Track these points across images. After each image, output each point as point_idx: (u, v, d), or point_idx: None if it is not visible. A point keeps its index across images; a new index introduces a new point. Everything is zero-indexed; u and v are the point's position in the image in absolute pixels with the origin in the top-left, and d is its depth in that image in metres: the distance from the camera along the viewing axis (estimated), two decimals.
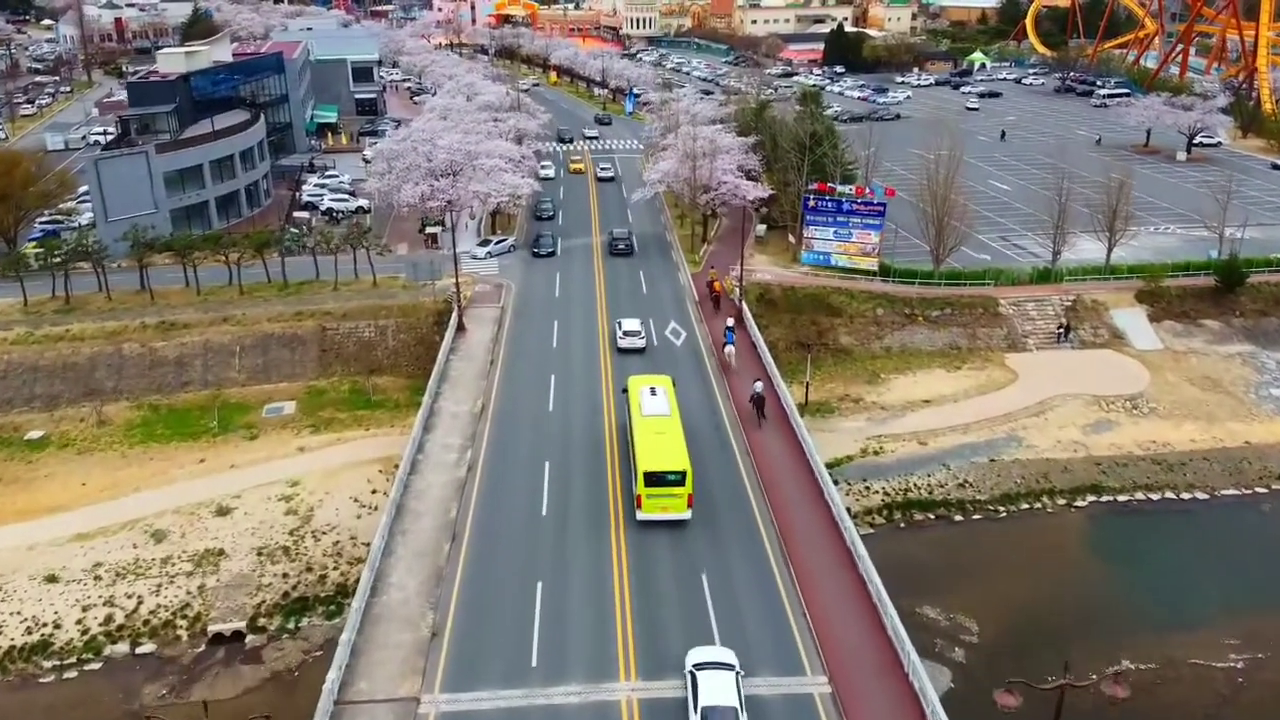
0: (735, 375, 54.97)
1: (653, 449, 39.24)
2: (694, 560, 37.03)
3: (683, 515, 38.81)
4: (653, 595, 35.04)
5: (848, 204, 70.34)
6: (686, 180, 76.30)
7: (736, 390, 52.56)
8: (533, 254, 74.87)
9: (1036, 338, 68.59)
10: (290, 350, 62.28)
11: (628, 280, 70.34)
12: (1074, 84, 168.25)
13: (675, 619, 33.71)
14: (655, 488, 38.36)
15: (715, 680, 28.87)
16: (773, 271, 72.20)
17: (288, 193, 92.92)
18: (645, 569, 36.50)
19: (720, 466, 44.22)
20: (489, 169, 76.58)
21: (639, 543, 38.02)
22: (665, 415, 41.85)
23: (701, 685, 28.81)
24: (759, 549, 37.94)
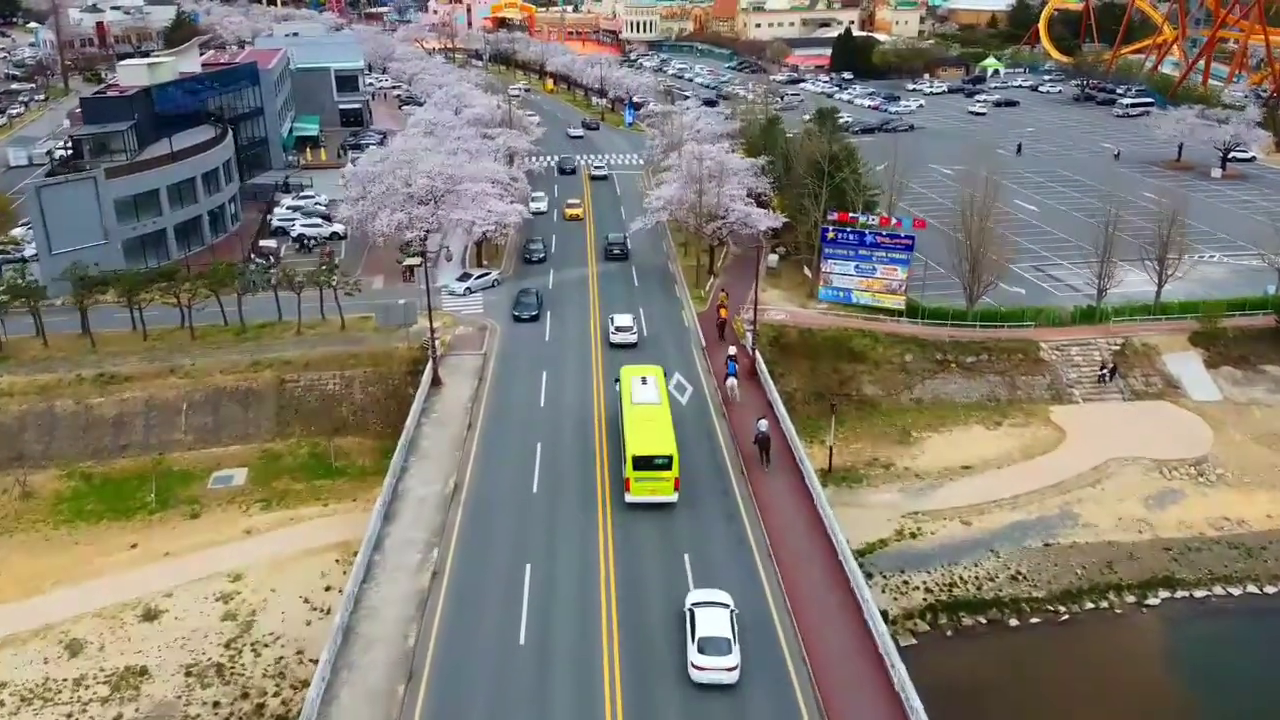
0: (737, 409, 50.37)
1: (642, 434, 40.85)
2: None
3: (670, 498, 40.33)
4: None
5: (871, 236, 63.14)
6: (691, 207, 69.06)
7: (739, 427, 48.03)
8: (513, 317, 62.58)
9: (1082, 387, 61.37)
10: (244, 407, 55.06)
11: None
12: (1093, 92, 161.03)
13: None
14: (643, 471, 39.95)
15: (711, 615, 31.74)
16: (787, 310, 64.98)
17: (259, 215, 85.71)
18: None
19: (735, 576, 37.00)
20: (474, 194, 69.39)
21: (636, 696, 30.77)
22: (655, 404, 43.55)
23: (699, 620, 31.59)
24: (785, 694, 30.70)
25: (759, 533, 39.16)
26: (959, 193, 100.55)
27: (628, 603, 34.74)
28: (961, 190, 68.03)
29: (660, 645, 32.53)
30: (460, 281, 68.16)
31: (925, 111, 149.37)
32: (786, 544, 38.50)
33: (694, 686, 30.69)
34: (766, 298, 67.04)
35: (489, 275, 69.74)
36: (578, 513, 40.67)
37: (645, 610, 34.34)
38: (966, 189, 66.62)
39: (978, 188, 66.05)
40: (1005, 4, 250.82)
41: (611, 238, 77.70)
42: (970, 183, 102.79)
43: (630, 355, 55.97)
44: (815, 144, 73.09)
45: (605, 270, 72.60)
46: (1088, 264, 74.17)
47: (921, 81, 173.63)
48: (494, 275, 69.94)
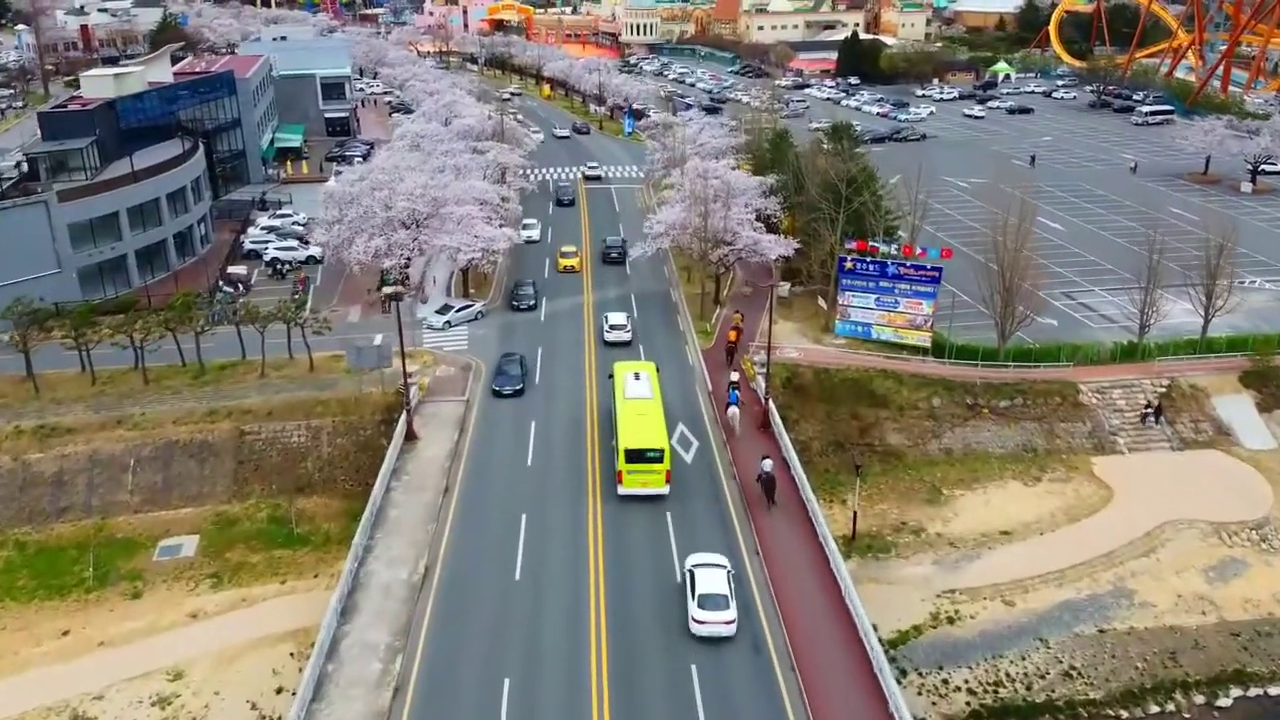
0: (739, 441, 47.63)
1: (634, 428, 42.04)
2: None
3: (661, 490, 41.39)
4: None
5: (894, 267, 57.50)
6: (695, 232, 63.39)
7: (742, 464, 45.28)
8: (493, 391, 52.50)
9: (1127, 435, 55.74)
10: (199, 462, 49.42)
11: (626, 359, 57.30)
12: (1109, 98, 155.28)
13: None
14: (635, 464, 41.01)
15: (710, 575, 34.30)
16: (801, 346, 59.31)
17: (232, 236, 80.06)
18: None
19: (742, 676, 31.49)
20: (460, 218, 63.76)
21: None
22: (648, 398, 44.65)
23: (699, 579, 34.14)
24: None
25: (779, 640, 33.51)
26: (979, 209, 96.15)
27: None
28: (988, 209, 62.06)
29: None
30: (439, 314, 62.39)
31: (936, 119, 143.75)
32: (806, 647, 32.93)
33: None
34: (778, 331, 61.24)
35: (471, 307, 63.78)
36: (567, 611, 35.00)
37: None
38: (996, 210, 60.88)
39: (1003, 205, 60.48)
40: (1013, 6, 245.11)
41: (610, 241, 76.97)
42: (990, 197, 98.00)
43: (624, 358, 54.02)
44: (829, 162, 67.48)
45: (601, 299, 66.90)
46: (1125, 291, 69.14)
47: (931, 87, 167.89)
48: (477, 307, 64.00)
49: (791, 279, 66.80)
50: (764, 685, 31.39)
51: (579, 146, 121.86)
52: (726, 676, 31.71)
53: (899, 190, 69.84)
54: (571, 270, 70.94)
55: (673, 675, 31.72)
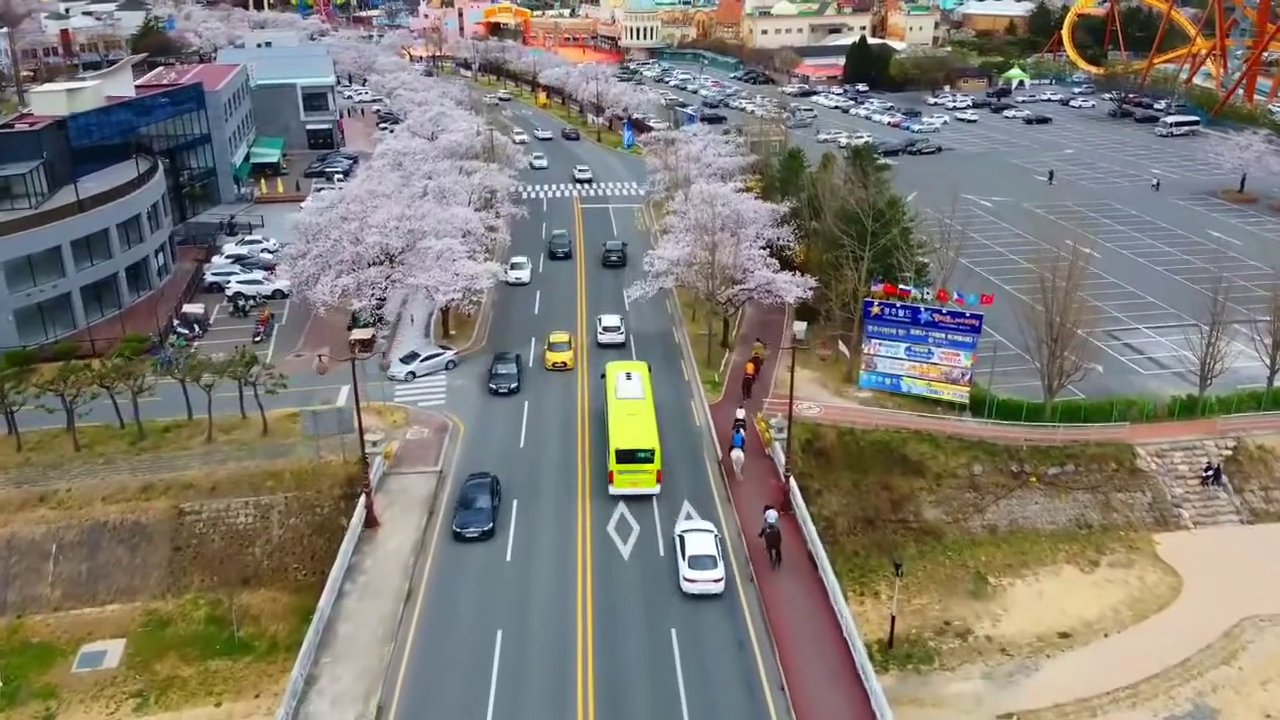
0: (742, 486, 44.00)
1: (625, 428, 42.28)
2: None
3: (652, 490, 41.68)
4: None
5: (927, 314, 50.85)
6: (701, 269, 56.68)
7: (745, 514, 41.50)
8: (453, 533, 39.98)
9: (1191, 507, 49.17)
10: (130, 548, 42.82)
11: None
12: (1130, 108, 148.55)
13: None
14: (626, 464, 41.23)
15: (698, 538, 37.27)
16: (820, 400, 52.59)
17: (195, 265, 73.42)
18: None
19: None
20: (439, 252, 57.13)
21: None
22: (639, 398, 44.96)
23: (688, 542, 37.02)
24: None
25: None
26: (1007, 232, 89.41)
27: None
28: (1015, 232, 55.54)
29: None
30: (404, 363, 55.30)
31: (951, 129, 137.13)
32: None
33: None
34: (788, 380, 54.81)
35: (440, 356, 56.47)
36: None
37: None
38: (1025, 234, 54.31)
39: (1037, 229, 54.02)
40: (1024, 9, 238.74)
41: (610, 244, 75.83)
42: (1016, 219, 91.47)
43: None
44: (847, 186, 60.88)
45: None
46: (1174, 330, 62.77)
47: (943, 94, 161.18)
48: (447, 356, 56.64)
49: (808, 318, 59.92)
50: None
51: (570, 154, 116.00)
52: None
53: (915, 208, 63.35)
54: (562, 368, 54.94)
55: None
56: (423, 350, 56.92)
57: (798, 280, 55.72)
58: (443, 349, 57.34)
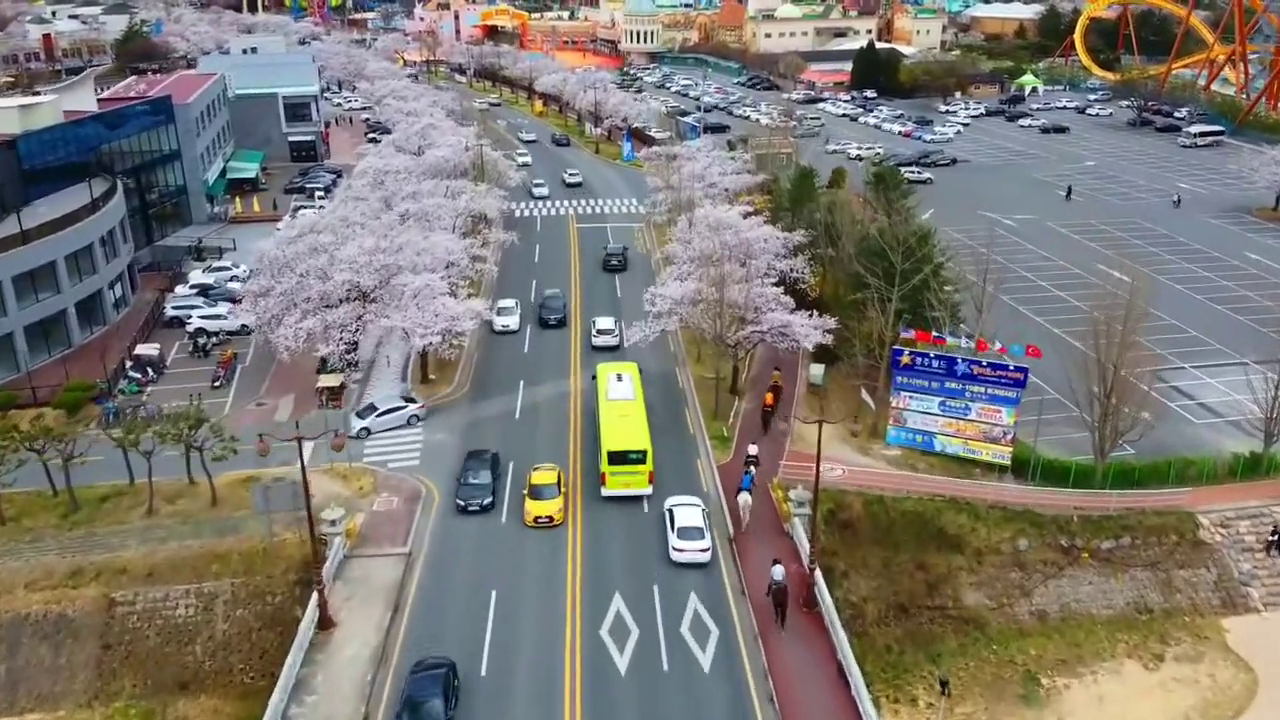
0: (749, 537, 40.58)
1: (617, 430, 42.47)
2: None
3: (644, 491, 41.93)
4: None
5: (965, 366, 45.10)
6: (708, 308, 50.86)
7: (751, 569, 37.99)
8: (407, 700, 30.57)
9: (1260, 585, 43.53)
10: (54, 646, 37.07)
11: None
12: (1150, 116, 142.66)
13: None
14: (618, 465, 41.46)
15: (687, 511, 39.50)
16: (842, 458, 46.75)
17: (158, 294, 67.67)
18: None
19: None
20: (417, 290, 51.38)
21: None
22: (630, 400, 44.93)
23: (677, 515, 39.15)
24: None
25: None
26: (1033, 255, 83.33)
27: None
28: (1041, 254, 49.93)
29: None
30: (359, 417, 48.79)
31: (964, 138, 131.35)
32: None
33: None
34: (810, 434, 49.01)
35: (402, 410, 49.73)
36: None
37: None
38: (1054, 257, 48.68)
39: (1069, 254, 48.33)
40: (1033, 12, 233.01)
41: (610, 249, 74.84)
42: (1042, 239, 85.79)
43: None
44: (869, 213, 55.21)
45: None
46: (1226, 369, 57.24)
47: (954, 101, 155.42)
48: (410, 410, 49.92)
49: (826, 359, 54.22)
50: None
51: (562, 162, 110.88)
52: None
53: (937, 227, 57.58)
54: (547, 523, 40.89)
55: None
56: (381, 403, 50.32)
57: (816, 322, 49.85)
58: (406, 401, 50.53)
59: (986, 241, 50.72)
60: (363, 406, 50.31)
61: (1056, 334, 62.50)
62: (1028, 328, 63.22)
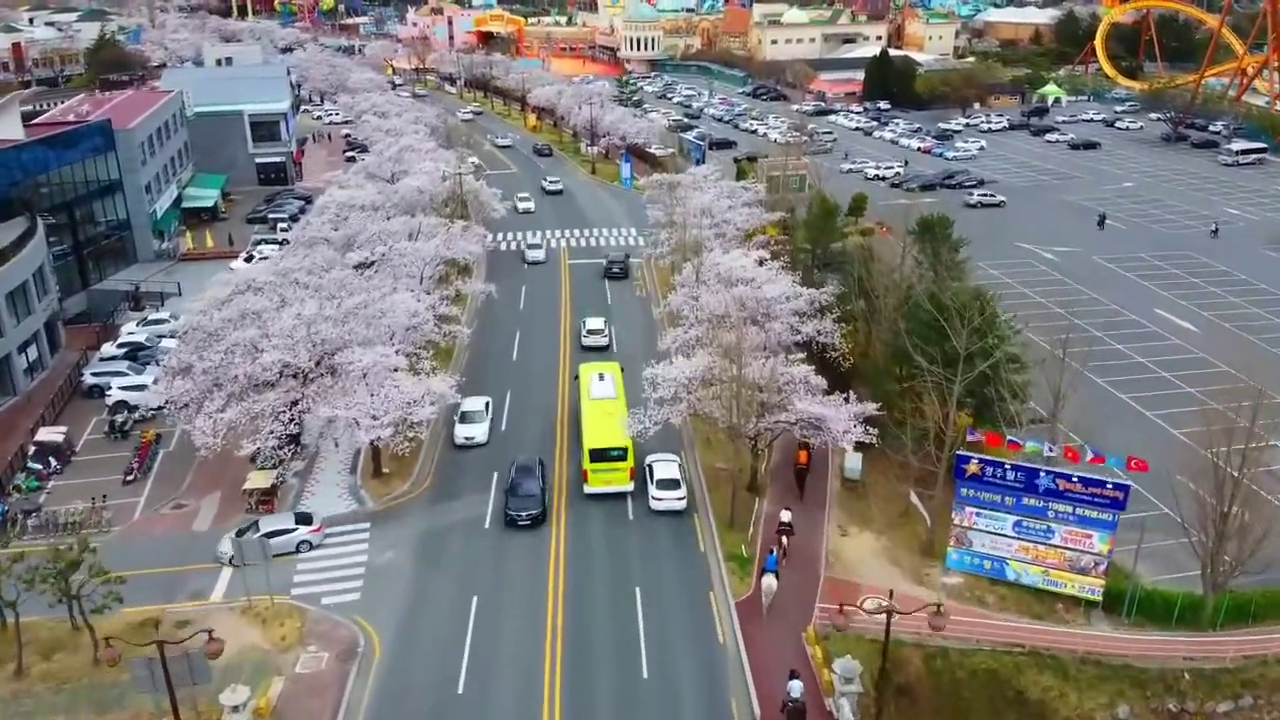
0: (765, 630, 34.40)
1: (598, 428, 42.80)
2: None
3: (626, 488, 42.15)
4: None
5: (1049, 479, 35.81)
6: (724, 387, 41.54)
7: (764, 679, 31.74)
8: None
9: None
10: None
11: (609, 632, 35.36)
12: (1185, 130, 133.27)
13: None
14: (600, 463, 41.72)
15: (664, 466, 42.43)
16: (888, 580, 37.48)
17: (83, 353, 58.51)
18: None
19: None
20: (367, 368, 42.19)
21: None
22: (612, 398, 45.41)
23: (656, 469, 42.25)
24: None
25: None
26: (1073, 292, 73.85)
27: None
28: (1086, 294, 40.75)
29: None
30: (237, 536, 38.56)
31: (989, 155, 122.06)
32: None
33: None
34: (849, 553, 39.89)
35: (291, 534, 39.36)
36: None
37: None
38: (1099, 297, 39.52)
39: (1116, 291, 39.61)
40: (1048, 17, 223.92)
41: (612, 255, 73.56)
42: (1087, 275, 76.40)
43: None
44: (916, 272, 45.94)
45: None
46: None
47: (974, 113, 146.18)
48: (303, 534, 39.55)
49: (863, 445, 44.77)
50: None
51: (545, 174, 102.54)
52: None
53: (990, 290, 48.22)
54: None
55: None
56: (267, 523, 39.86)
57: (855, 410, 40.51)
58: (299, 522, 40.01)
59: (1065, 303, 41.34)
60: (247, 523, 40.29)
61: (1118, 398, 53.45)
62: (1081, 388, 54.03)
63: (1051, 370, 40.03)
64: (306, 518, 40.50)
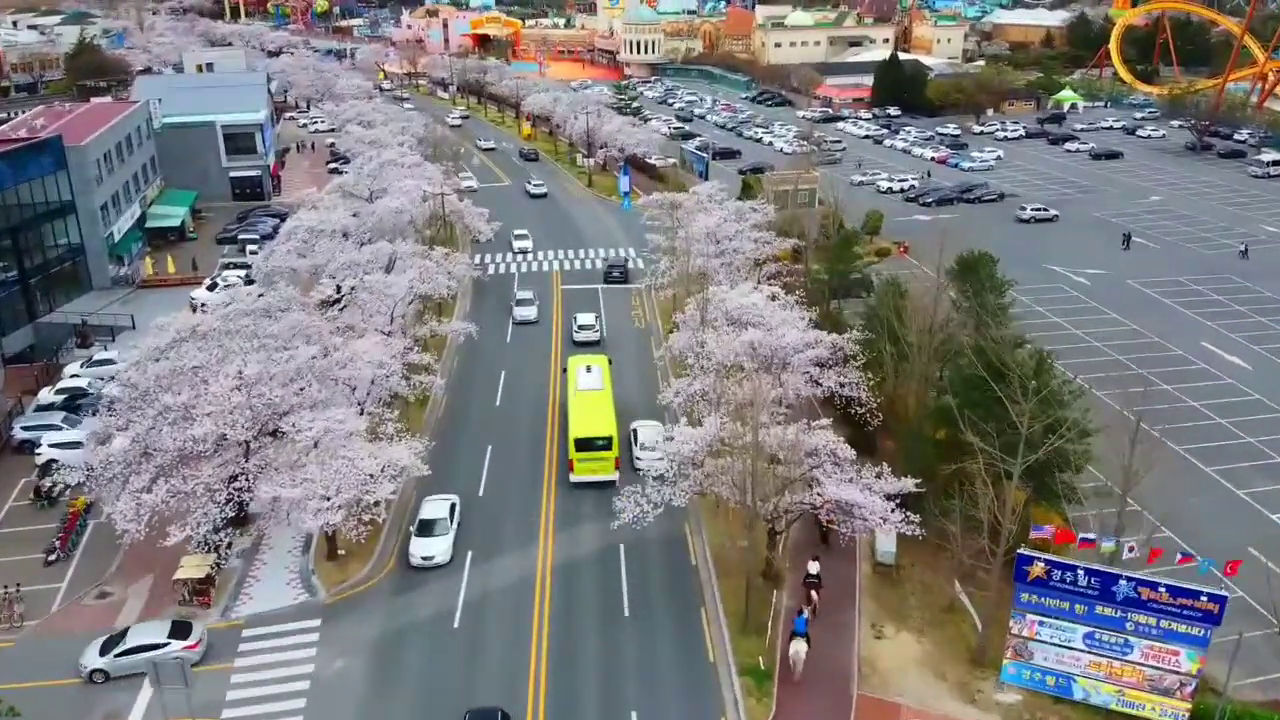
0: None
1: (584, 418, 44.32)
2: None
3: (610, 477, 43.25)
4: None
5: (1128, 587, 29.70)
6: (734, 464, 35.44)
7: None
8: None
9: None
10: None
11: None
12: (1210, 139, 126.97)
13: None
14: (585, 452, 43.27)
15: (647, 430, 45.41)
16: (938, 705, 31.38)
17: (18, 401, 52.43)
18: None
19: None
20: (319, 435, 36.13)
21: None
22: (598, 390, 47.05)
23: (640, 433, 45.49)
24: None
25: None
26: (1110, 322, 68.10)
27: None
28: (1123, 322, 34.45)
29: None
30: (101, 654, 32.83)
31: (1006, 164, 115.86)
32: None
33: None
34: (885, 661, 33.76)
35: (165, 648, 32.58)
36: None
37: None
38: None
39: (1155, 321, 35.07)
40: (1059, 19, 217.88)
41: (612, 260, 73.16)
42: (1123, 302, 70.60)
43: None
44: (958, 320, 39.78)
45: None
46: None
47: (989, 120, 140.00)
48: (176, 649, 32.54)
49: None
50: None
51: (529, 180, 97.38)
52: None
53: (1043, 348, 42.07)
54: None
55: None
56: (137, 635, 33.47)
57: (892, 486, 34.41)
58: (174, 635, 33.36)
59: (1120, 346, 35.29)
60: (115, 633, 33.90)
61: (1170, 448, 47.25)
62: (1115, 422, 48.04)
63: (1117, 434, 33.95)
64: (184, 628, 33.83)
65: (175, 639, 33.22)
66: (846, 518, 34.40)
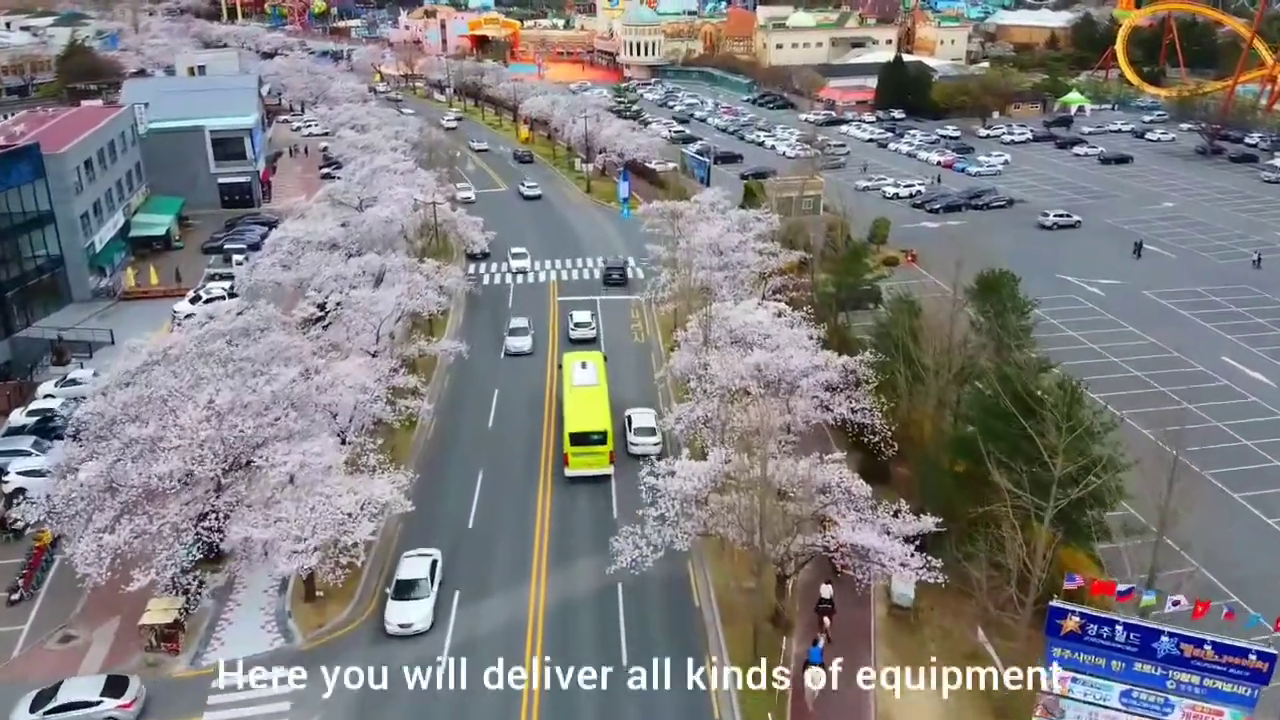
0: None
1: (579, 412, 44.92)
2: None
3: (605, 470, 44.01)
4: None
5: (1170, 644, 27.27)
6: (739, 501, 33.01)
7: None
8: None
9: None
10: None
11: None
12: (1221, 143, 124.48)
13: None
14: (580, 446, 43.74)
15: (641, 416, 47.04)
16: None
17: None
18: None
19: None
20: (295, 469, 33.71)
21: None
22: (593, 385, 47.38)
23: (634, 419, 46.90)
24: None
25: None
26: (1127, 336, 65.59)
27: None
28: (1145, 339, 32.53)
29: None
30: (31, 712, 30.47)
31: (1011, 170, 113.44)
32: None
33: None
34: (897, 713, 31.32)
35: (95, 708, 30.41)
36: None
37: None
38: None
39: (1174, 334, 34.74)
40: (1064, 20, 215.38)
41: (612, 261, 73.07)
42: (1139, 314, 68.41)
43: None
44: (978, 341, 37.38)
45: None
46: None
47: (995, 123, 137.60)
48: (109, 709, 30.51)
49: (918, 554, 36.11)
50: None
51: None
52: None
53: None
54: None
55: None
56: (69, 692, 30.97)
57: (906, 526, 31.98)
58: (108, 691, 30.98)
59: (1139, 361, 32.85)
60: (48, 687, 31.28)
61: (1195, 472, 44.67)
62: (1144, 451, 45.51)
63: (1148, 464, 31.49)
64: (120, 684, 31.25)
65: (109, 696, 30.72)
66: (862, 562, 31.93)
